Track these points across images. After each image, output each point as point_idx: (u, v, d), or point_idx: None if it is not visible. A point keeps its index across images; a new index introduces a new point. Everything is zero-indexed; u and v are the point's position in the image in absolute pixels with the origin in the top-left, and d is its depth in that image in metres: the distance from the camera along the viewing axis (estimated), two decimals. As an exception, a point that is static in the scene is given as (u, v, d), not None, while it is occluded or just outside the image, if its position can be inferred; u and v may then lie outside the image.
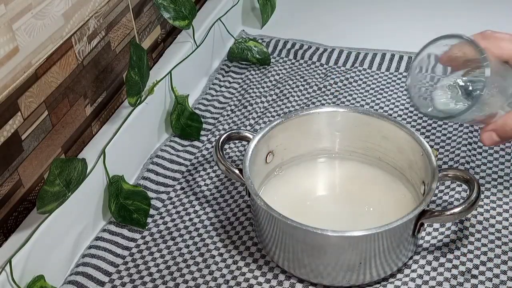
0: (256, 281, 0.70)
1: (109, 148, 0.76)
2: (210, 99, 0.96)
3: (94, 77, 0.79)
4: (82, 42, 0.75)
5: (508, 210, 0.76)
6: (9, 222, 0.68)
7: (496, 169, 0.82)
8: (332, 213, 0.74)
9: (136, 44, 0.77)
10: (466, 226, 0.74)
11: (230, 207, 0.79)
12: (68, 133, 0.76)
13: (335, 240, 0.64)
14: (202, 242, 0.74)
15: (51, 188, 0.64)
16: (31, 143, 0.69)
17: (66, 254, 0.72)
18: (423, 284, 0.68)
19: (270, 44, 1.06)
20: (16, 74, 0.65)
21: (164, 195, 0.81)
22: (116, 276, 0.71)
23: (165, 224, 0.77)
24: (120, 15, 0.82)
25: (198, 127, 0.90)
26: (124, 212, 0.76)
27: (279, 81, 0.99)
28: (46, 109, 0.70)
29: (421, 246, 0.72)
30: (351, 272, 0.67)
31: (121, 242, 0.75)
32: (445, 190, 0.79)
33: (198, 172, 0.84)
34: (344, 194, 0.77)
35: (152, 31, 0.92)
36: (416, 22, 1.12)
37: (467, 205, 0.66)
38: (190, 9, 0.91)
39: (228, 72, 1.02)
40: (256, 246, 0.73)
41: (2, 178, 0.65)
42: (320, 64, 1.02)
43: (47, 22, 0.68)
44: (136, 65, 0.77)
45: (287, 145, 0.78)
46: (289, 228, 0.65)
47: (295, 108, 0.94)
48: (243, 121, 0.92)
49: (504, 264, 0.70)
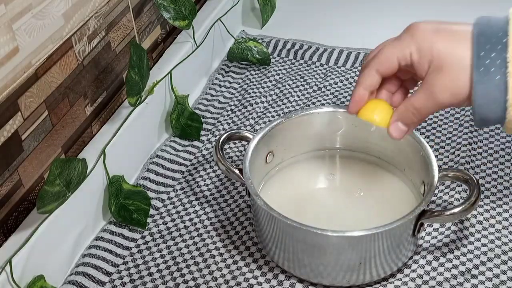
0: (256, 281, 0.70)
1: (109, 148, 0.76)
2: (210, 99, 0.96)
3: (94, 77, 0.79)
4: (82, 42, 0.75)
5: (508, 210, 0.76)
6: (9, 222, 0.68)
7: (496, 169, 0.82)
8: (332, 213, 0.74)
9: (136, 44, 0.77)
10: (466, 226, 0.74)
11: (230, 207, 0.79)
12: (68, 133, 0.76)
13: (335, 240, 0.64)
14: (202, 242, 0.74)
15: (51, 188, 0.64)
16: (31, 143, 0.69)
17: (66, 254, 0.72)
18: (423, 284, 0.68)
19: (270, 44, 1.06)
20: (16, 74, 0.65)
21: (164, 195, 0.81)
22: (116, 276, 0.71)
23: (165, 224, 0.77)
24: (120, 15, 0.82)
25: (198, 127, 0.90)
26: (124, 212, 0.76)
27: (279, 81, 0.99)
28: (46, 109, 0.70)
29: (421, 246, 0.72)
30: (351, 272, 0.67)
31: (121, 242, 0.75)
32: (445, 190, 0.79)
33: (198, 172, 0.84)
34: (344, 194, 0.77)
35: (152, 31, 0.92)
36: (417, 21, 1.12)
37: (467, 205, 0.66)
38: (190, 9, 0.91)
39: (228, 72, 1.02)
40: (256, 246, 0.73)
41: (2, 178, 0.65)
42: (320, 64, 1.02)
43: (47, 22, 0.68)
44: (136, 65, 0.77)
45: (287, 145, 0.78)
46: (289, 228, 0.65)
47: (295, 108, 0.94)
48: (243, 121, 0.92)
49: (504, 264, 0.70)
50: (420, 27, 0.61)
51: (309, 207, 0.75)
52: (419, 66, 0.60)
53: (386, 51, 0.62)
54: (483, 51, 0.57)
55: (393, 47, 0.62)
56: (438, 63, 0.59)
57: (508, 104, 0.56)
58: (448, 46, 0.58)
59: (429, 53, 0.59)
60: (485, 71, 0.56)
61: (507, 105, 0.57)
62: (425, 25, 0.60)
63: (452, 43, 0.59)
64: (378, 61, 0.63)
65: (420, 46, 0.60)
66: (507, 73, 0.56)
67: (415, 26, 0.61)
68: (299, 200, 0.76)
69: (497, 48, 0.56)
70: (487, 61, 0.56)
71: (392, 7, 1.17)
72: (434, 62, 0.59)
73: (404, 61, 0.61)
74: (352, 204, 0.75)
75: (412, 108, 0.62)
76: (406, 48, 0.61)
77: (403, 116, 0.64)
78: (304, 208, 0.74)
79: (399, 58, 0.62)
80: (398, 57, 0.62)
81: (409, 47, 0.61)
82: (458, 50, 0.58)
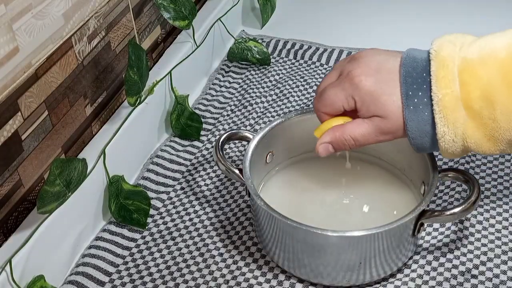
0: (256, 281, 0.70)
1: (109, 148, 0.76)
2: (210, 99, 0.96)
3: (94, 77, 0.79)
4: (82, 42, 0.75)
5: (508, 210, 0.76)
6: (9, 222, 0.68)
7: (496, 169, 0.82)
8: (332, 213, 0.74)
9: (134, 43, 0.77)
10: (466, 226, 0.74)
11: (230, 207, 0.79)
12: (68, 133, 0.76)
13: (335, 240, 0.64)
14: (202, 242, 0.74)
15: (51, 188, 0.64)
16: (31, 143, 0.69)
17: (66, 254, 0.72)
18: (423, 284, 0.68)
19: (270, 44, 1.06)
20: (16, 74, 0.65)
21: (164, 195, 0.81)
22: (116, 276, 0.71)
23: (165, 224, 0.77)
24: (120, 15, 0.82)
25: (198, 127, 0.90)
26: (124, 212, 0.76)
27: (279, 81, 0.99)
28: (46, 109, 0.70)
29: (421, 246, 0.72)
30: (351, 272, 0.67)
31: (121, 242, 0.75)
32: (445, 190, 0.79)
33: (198, 172, 0.84)
34: (344, 194, 0.77)
35: (152, 31, 0.92)
36: (416, 22, 1.12)
37: (467, 205, 0.66)
38: (190, 9, 0.91)
39: (228, 72, 1.02)
40: (256, 246, 0.73)
41: (2, 178, 0.65)
42: (320, 64, 1.02)
43: (47, 22, 0.68)
44: (135, 65, 0.77)
45: (287, 145, 0.78)
46: (289, 228, 0.65)
47: (295, 108, 0.94)
48: (243, 121, 0.92)
49: (504, 264, 0.70)
50: (357, 78, 0.63)
51: (309, 207, 0.75)
52: (362, 110, 0.64)
53: (330, 96, 0.65)
54: (410, 91, 0.61)
55: (336, 93, 0.65)
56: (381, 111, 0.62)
57: (438, 137, 0.61)
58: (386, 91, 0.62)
59: (371, 101, 0.63)
60: (414, 109, 0.61)
61: (437, 138, 0.61)
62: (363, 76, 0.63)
63: (388, 87, 0.62)
64: (322, 105, 0.66)
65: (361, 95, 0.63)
66: (433, 111, 0.60)
67: (352, 74, 0.64)
68: (299, 200, 0.76)
69: (423, 87, 0.61)
70: (415, 99, 0.61)
71: (392, 7, 1.17)
72: (378, 110, 0.63)
73: (348, 107, 0.65)
74: (352, 204, 0.75)
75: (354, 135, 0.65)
76: (349, 96, 0.64)
77: (338, 142, 0.66)
78: (304, 208, 0.74)
79: (344, 105, 0.65)
80: (343, 104, 0.65)
81: (353, 98, 0.64)
82: (394, 95, 0.62)
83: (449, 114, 0.59)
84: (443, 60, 0.60)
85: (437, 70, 0.60)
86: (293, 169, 0.79)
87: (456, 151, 0.62)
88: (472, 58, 0.60)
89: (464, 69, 0.59)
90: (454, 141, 0.61)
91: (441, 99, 0.59)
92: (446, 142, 0.61)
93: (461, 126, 0.60)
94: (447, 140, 0.61)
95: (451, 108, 0.59)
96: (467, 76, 0.59)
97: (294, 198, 0.76)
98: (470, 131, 0.60)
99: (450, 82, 0.59)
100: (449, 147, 0.61)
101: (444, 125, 0.60)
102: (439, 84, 0.60)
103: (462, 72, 0.59)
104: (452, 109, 0.59)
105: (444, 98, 0.59)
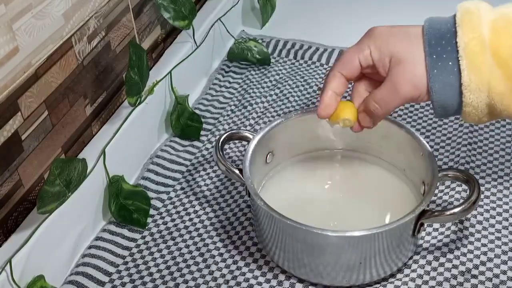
0: (256, 281, 0.70)
1: (109, 148, 0.76)
2: (210, 99, 0.96)
3: (94, 77, 0.79)
4: (82, 42, 0.75)
5: (508, 210, 0.76)
6: (9, 222, 0.68)
7: (496, 169, 0.82)
8: (332, 213, 0.74)
9: (135, 44, 0.77)
10: (466, 226, 0.74)
11: (230, 207, 0.79)
12: (68, 133, 0.76)
13: (335, 240, 0.64)
14: (202, 242, 0.74)
15: (51, 188, 0.64)
16: (31, 143, 0.69)
17: (66, 254, 0.72)
18: (423, 284, 0.68)
19: (270, 44, 1.06)
20: (16, 74, 0.65)
21: (164, 195, 0.81)
22: (116, 276, 0.71)
23: (165, 224, 0.77)
24: (120, 15, 0.82)
25: (198, 127, 0.90)
26: (124, 212, 0.76)
27: (279, 81, 0.99)
28: (46, 109, 0.70)
29: (421, 246, 0.72)
30: (351, 272, 0.67)
31: (121, 242, 0.75)
32: (445, 190, 0.79)
33: (198, 172, 0.84)
34: (344, 194, 0.77)
35: (152, 31, 0.92)
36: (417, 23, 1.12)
37: (467, 205, 0.66)
38: (190, 9, 0.91)
39: (228, 72, 1.02)
40: (256, 246, 0.73)
41: (2, 178, 0.65)
42: (320, 64, 1.02)
43: (47, 22, 0.68)
44: (135, 65, 0.77)
45: (287, 145, 0.78)
46: (289, 228, 0.65)
47: (295, 108, 0.94)
48: (243, 121, 0.92)
49: (504, 264, 0.70)
50: (377, 30, 0.64)
51: (309, 207, 0.75)
52: (379, 63, 0.63)
53: (347, 54, 0.65)
54: (433, 40, 0.60)
55: (353, 49, 0.65)
56: (397, 58, 0.62)
57: (463, 87, 0.59)
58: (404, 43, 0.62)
59: (387, 51, 0.62)
60: (437, 58, 0.60)
61: (462, 89, 0.59)
62: (382, 28, 0.64)
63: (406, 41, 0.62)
64: (340, 63, 0.65)
65: (379, 45, 0.63)
66: (458, 57, 0.59)
67: (372, 29, 0.64)
68: (299, 200, 0.76)
69: (446, 36, 0.60)
70: (438, 48, 0.60)
71: (392, 7, 1.17)
72: (393, 58, 0.62)
73: (365, 61, 0.64)
74: (352, 204, 0.75)
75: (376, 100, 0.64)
76: (366, 49, 0.64)
77: (367, 108, 0.65)
78: (304, 208, 0.74)
79: (360, 58, 0.64)
80: (359, 57, 0.64)
81: (369, 47, 0.63)
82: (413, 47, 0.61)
83: (476, 58, 0.58)
84: (468, 8, 0.60)
85: (462, 16, 0.60)
86: (293, 169, 0.79)
87: (481, 105, 0.59)
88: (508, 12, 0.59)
89: (499, 18, 0.59)
90: (480, 89, 0.58)
91: (467, 43, 0.58)
92: (472, 92, 0.59)
93: (487, 74, 0.58)
94: (473, 89, 0.58)
95: (477, 52, 0.58)
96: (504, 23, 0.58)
97: (294, 198, 0.76)
98: (495, 81, 0.58)
99: (476, 27, 0.59)
100: (474, 99, 0.59)
101: (470, 72, 0.58)
102: (465, 28, 0.59)
103: (496, 21, 0.59)
104: (479, 53, 0.58)
105: (471, 42, 0.58)
